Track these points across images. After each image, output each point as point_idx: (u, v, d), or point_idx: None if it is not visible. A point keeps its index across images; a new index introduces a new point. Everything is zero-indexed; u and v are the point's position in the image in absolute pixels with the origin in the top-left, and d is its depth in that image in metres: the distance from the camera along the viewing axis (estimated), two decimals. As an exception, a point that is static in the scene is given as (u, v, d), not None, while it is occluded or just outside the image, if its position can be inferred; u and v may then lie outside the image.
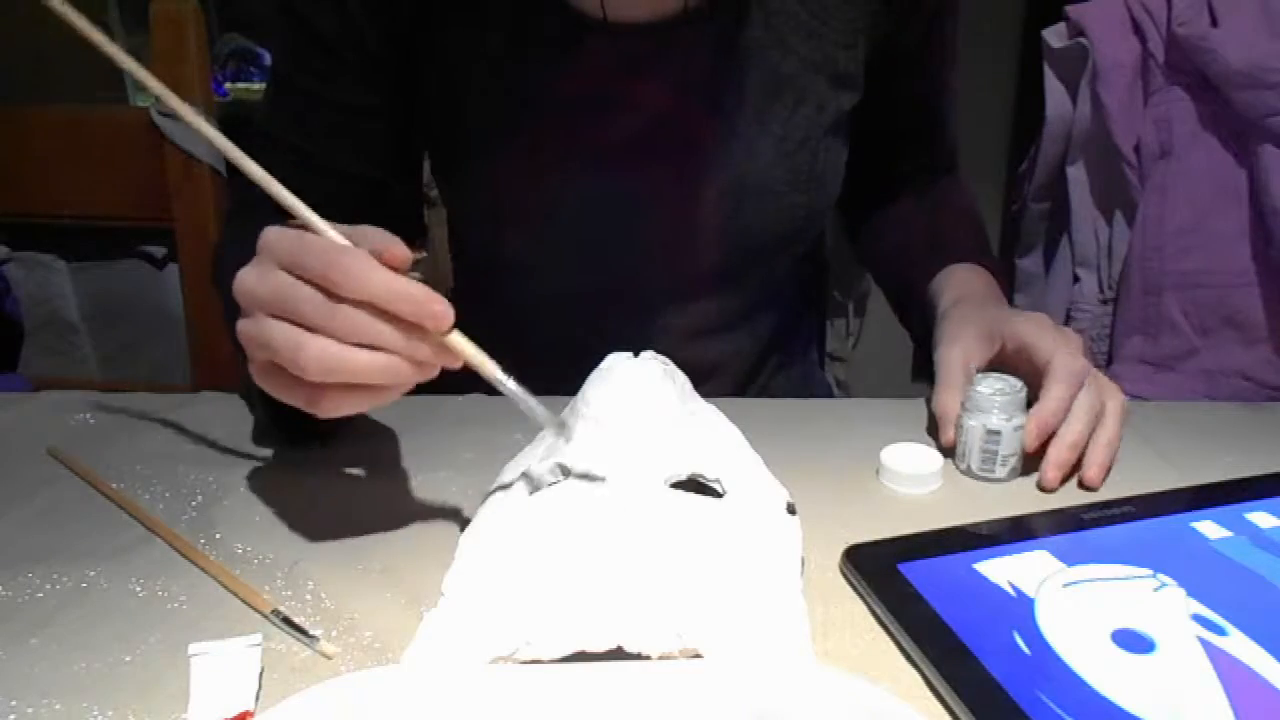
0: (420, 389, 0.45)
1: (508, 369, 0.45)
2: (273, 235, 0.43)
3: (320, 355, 0.40)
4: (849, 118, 0.73)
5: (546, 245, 0.73)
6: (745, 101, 0.68)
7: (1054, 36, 0.91)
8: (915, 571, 0.45)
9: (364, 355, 0.41)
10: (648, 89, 0.67)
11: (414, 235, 0.81)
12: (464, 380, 0.68)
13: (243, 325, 0.43)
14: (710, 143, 0.68)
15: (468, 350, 0.43)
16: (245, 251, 0.68)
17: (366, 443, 0.61)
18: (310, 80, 0.67)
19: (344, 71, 0.67)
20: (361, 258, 0.41)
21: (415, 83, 0.69)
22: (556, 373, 0.56)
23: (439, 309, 0.41)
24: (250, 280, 0.43)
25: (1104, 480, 0.56)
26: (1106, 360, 0.93)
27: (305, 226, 0.43)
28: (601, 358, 0.56)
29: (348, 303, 0.40)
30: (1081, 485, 0.55)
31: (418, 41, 0.68)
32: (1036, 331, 0.58)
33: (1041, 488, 0.55)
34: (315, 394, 0.42)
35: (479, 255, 0.82)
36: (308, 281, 0.41)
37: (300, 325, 0.41)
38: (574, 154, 0.69)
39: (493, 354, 0.45)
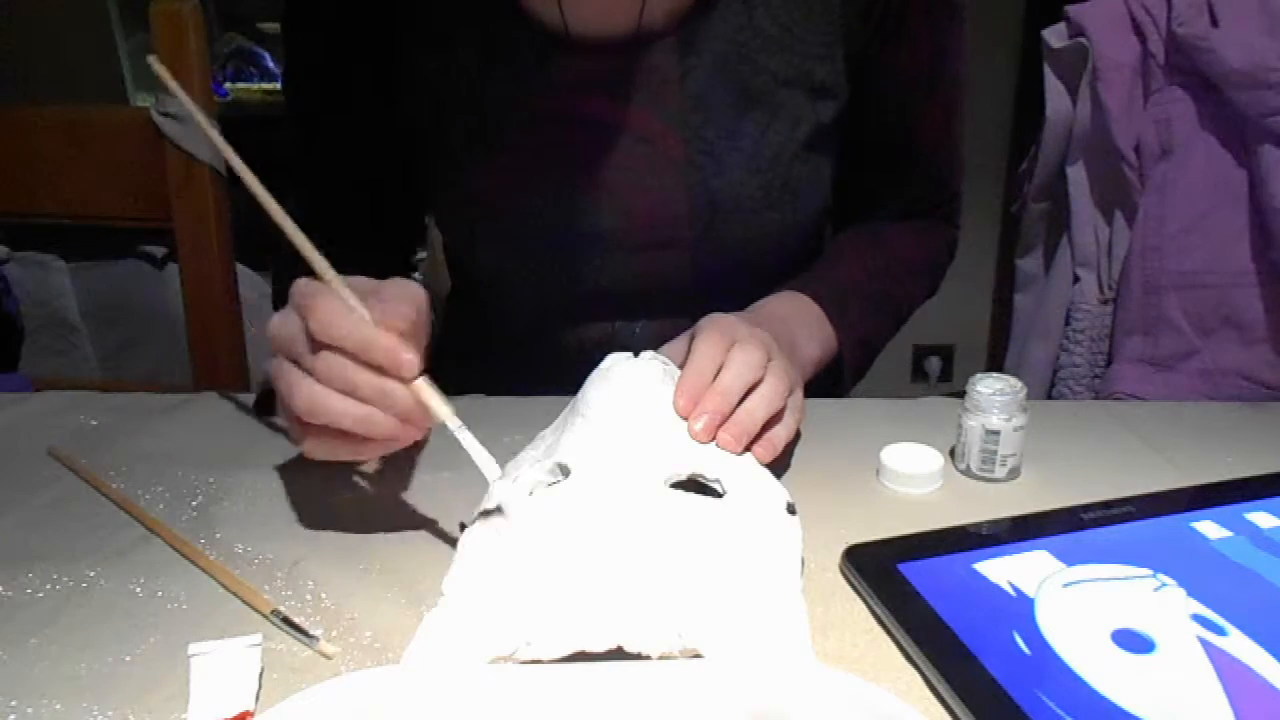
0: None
1: (498, 371, 0.46)
2: (299, 285, 0.46)
3: (306, 396, 0.44)
4: (832, 130, 0.71)
5: (519, 258, 0.73)
6: (713, 118, 0.67)
7: (1054, 36, 0.91)
8: (915, 571, 0.45)
9: (344, 401, 0.44)
10: (613, 106, 0.67)
11: (416, 239, 0.82)
12: (464, 380, 0.68)
13: (270, 365, 0.47)
14: (679, 159, 0.68)
15: (432, 398, 0.45)
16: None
17: (366, 443, 0.61)
18: (307, 101, 0.71)
19: (335, 89, 0.70)
20: (331, 305, 0.44)
21: (398, 99, 0.70)
22: (553, 372, 0.56)
23: (404, 357, 0.44)
24: (275, 326, 0.47)
25: (756, 449, 0.51)
26: (1106, 360, 0.93)
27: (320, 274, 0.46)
28: (583, 364, 0.56)
29: (329, 349, 0.43)
30: (754, 451, 0.52)
31: (389, 59, 0.69)
32: (709, 319, 0.57)
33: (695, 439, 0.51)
34: (304, 434, 0.46)
35: (459, 264, 0.83)
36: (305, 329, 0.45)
37: (300, 368, 0.45)
38: (541, 170, 0.69)
39: (486, 354, 0.46)
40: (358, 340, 0.43)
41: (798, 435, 0.58)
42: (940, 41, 0.71)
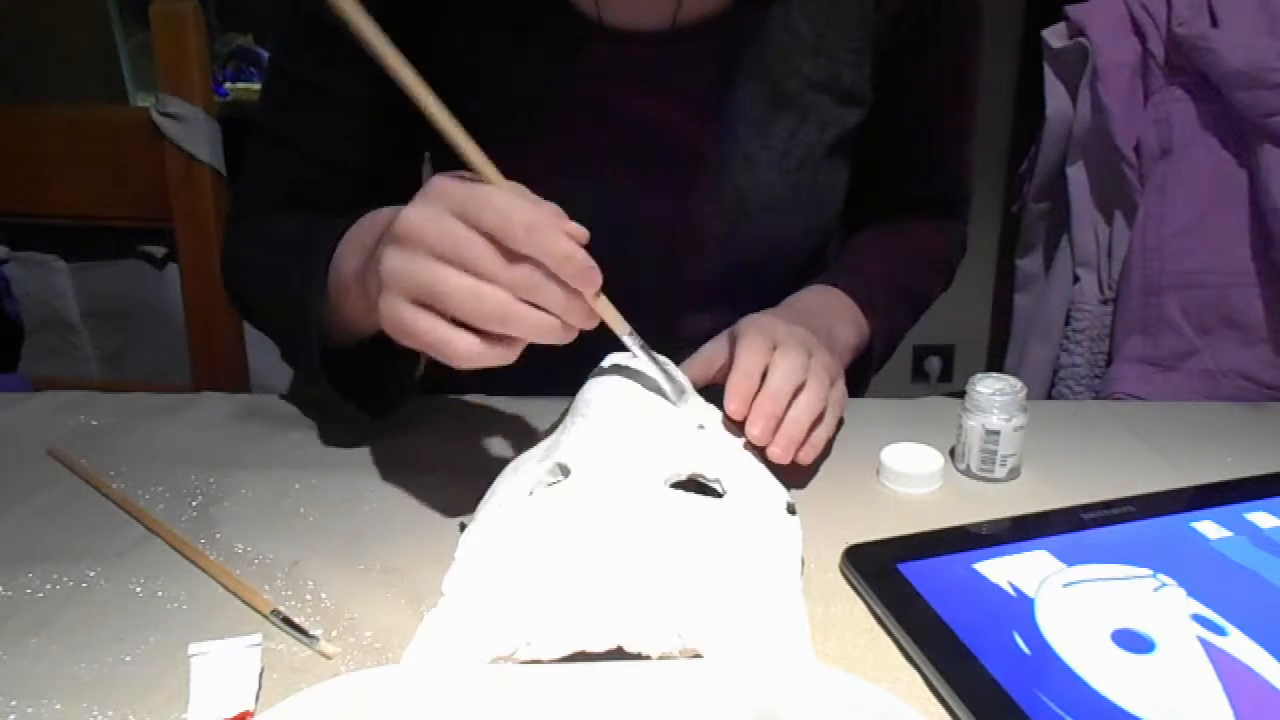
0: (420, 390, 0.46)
1: (504, 368, 0.46)
2: (446, 182, 0.44)
3: (501, 306, 0.43)
4: (854, 135, 0.72)
5: None
6: (746, 117, 0.68)
7: (1054, 36, 0.91)
8: (915, 571, 0.45)
9: (536, 312, 0.43)
10: (646, 98, 0.67)
11: None
12: (465, 380, 0.68)
13: (399, 261, 0.44)
14: (709, 156, 0.68)
15: (610, 314, 0.47)
16: (262, 251, 0.68)
17: (366, 443, 0.61)
18: (311, 72, 0.67)
19: (346, 63, 0.67)
20: (540, 216, 0.42)
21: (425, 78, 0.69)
22: (553, 372, 0.56)
23: (595, 274, 0.44)
24: (419, 220, 0.43)
25: (800, 454, 0.52)
26: (1106, 360, 0.93)
27: (479, 178, 0.45)
28: (593, 362, 0.56)
29: (521, 258, 0.42)
30: (795, 461, 0.53)
31: (420, 39, 0.68)
32: (748, 320, 0.58)
33: (761, 448, 0.52)
34: (457, 342, 0.44)
35: None
36: (481, 232, 0.42)
37: (472, 273, 0.42)
38: (570, 160, 0.68)
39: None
40: (557, 255, 0.43)
41: (840, 422, 0.59)
42: (963, 51, 0.73)
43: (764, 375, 0.53)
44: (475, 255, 0.42)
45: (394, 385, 0.63)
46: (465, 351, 0.44)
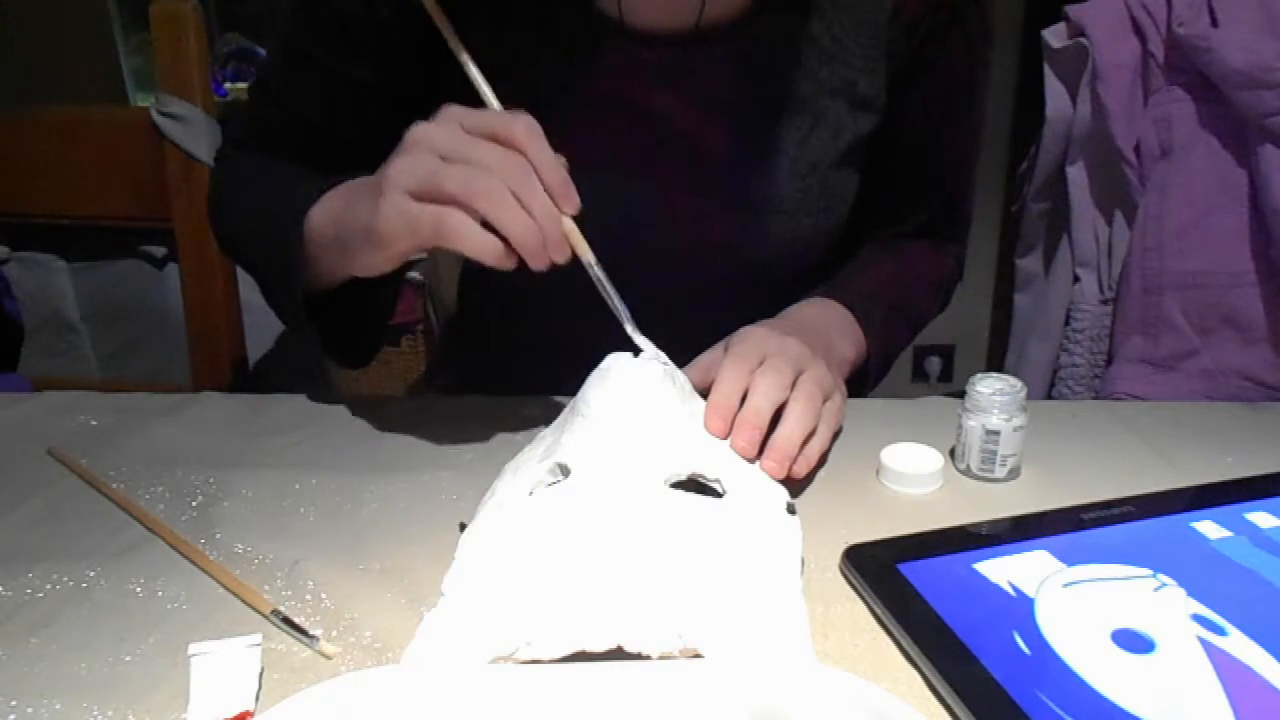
0: (419, 390, 0.45)
1: (511, 362, 0.46)
2: (455, 107, 0.51)
3: (492, 185, 0.48)
4: (866, 143, 0.72)
5: None
6: (760, 120, 0.68)
7: (1054, 36, 0.91)
8: (915, 571, 0.45)
9: (519, 208, 0.48)
10: (662, 99, 0.67)
11: None
12: (463, 381, 0.68)
13: (404, 162, 0.49)
14: (722, 158, 0.69)
15: (578, 240, 0.53)
16: (248, 191, 0.68)
17: (366, 443, 0.61)
18: (320, 51, 0.67)
19: (357, 49, 0.67)
20: (539, 130, 0.50)
21: (435, 72, 0.69)
22: (558, 370, 0.56)
23: (574, 194, 0.51)
24: (429, 129, 0.50)
25: (794, 467, 0.52)
26: (1106, 360, 0.93)
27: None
28: (596, 363, 0.56)
29: (517, 156, 0.48)
30: (789, 475, 0.52)
31: (440, 36, 0.68)
32: (741, 334, 0.58)
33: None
34: (448, 216, 0.48)
35: None
36: (484, 137, 0.49)
37: (470, 165, 0.48)
38: (585, 158, 0.68)
39: (496, 347, 0.46)
40: (549, 161, 0.49)
41: (838, 433, 0.58)
42: (974, 66, 0.73)
43: (747, 395, 0.53)
44: (475, 151, 0.48)
45: (366, 334, 0.65)
46: (455, 225, 0.48)
